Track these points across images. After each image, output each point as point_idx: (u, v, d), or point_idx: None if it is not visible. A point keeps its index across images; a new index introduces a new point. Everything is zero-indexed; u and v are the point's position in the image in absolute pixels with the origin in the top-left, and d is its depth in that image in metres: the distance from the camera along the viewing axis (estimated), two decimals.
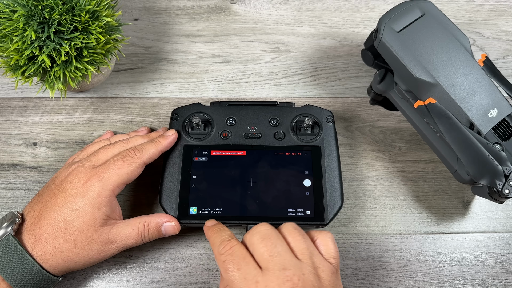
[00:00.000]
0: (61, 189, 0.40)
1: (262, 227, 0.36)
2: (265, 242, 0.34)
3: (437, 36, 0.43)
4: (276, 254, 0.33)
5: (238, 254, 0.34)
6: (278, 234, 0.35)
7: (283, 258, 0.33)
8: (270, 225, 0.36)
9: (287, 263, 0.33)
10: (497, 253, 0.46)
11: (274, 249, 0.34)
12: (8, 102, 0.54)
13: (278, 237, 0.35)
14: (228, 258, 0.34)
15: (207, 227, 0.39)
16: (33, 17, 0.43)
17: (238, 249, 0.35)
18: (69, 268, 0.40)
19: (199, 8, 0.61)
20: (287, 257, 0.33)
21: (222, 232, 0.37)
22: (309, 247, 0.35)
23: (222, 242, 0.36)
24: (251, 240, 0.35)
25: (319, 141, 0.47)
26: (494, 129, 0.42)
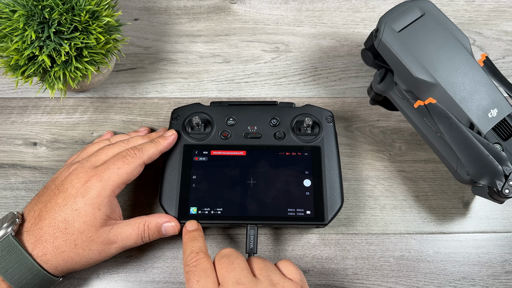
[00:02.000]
0: (61, 189, 0.40)
1: (225, 250, 0.38)
2: (224, 260, 0.36)
3: (437, 36, 0.43)
4: (232, 270, 0.35)
5: (201, 267, 0.36)
6: (238, 255, 0.37)
7: (238, 274, 0.35)
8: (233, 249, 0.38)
9: (242, 279, 0.35)
10: (497, 253, 0.46)
11: (230, 266, 0.35)
12: (8, 102, 0.54)
13: (238, 257, 0.37)
14: (192, 269, 0.36)
15: (185, 231, 0.41)
16: (33, 17, 0.43)
17: (202, 262, 0.37)
18: (69, 269, 0.40)
19: (199, 8, 0.61)
20: (242, 274, 0.35)
21: (194, 242, 0.39)
22: (267, 267, 0.37)
23: (191, 253, 0.38)
24: (215, 259, 0.37)
25: (319, 141, 0.47)
26: (494, 129, 0.42)
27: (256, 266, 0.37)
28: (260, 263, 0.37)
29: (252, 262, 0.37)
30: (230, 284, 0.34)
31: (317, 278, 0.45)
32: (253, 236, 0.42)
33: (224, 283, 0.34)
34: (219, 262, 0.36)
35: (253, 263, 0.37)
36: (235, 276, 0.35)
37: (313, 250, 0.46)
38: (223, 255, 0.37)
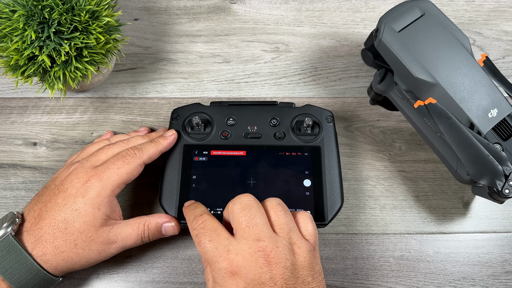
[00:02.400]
0: (61, 189, 0.40)
1: (245, 198, 0.36)
2: (245, 212, 0.35)
3: (437, 36, 0.43)
4: (253, 225, 0.34)
5: (209, 227, 0.35)
6: (259, 206, 0.36)
7: (260, 230, 0.34)
8: (253, 197, 0.37)
9: (263, 235, 0.34)
10: (497, 253, 0.46)
11: (252, 220, 0.34)
12: (8, 102, 0.54)
13: (259, 209, 0.35)
14: (200, 231, 0.35)
15: (184, 207, 0.40)
16: (33, 17, 0.43)
17: (209, 222, 0.36)
18: (69, 268, 0.40)
19: (199, 8, 0.61)
20: (263, 229, 0.34)
21: (196, 208, 0.38)
22: (288, 223, 0.36)
23: (195, 217, 0.37)
24: (232, 208, 0.36)
25: (319, 141, 0.47)
26: (494, 129, 0.42)
27: (276, 221, 0.35)
28: (281, 217, 0.36)
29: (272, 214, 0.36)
30: (251, 240, 0.33)
31: None
32: None
33: (244, 238, 0.34)
34: (240, 213, 0.35)
35: (274, 215, 0.36)
36: (256, 232, 0.34)
37: None
38: (244, 206, 0.35)
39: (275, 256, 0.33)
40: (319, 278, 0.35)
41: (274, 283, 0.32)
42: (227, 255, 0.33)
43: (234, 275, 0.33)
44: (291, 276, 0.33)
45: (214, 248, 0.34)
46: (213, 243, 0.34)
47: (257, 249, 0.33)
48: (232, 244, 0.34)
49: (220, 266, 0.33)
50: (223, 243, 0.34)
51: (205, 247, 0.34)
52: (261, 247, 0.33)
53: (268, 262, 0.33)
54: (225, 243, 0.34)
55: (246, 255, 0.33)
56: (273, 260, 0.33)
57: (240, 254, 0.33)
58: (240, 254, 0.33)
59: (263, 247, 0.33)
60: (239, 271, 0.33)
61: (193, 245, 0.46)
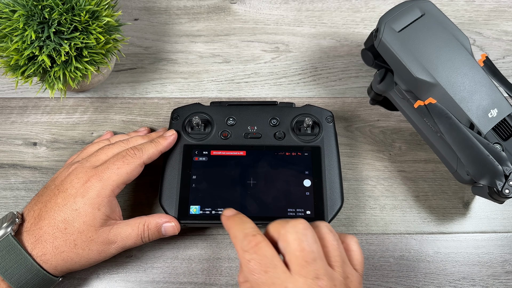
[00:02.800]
0: (61, 189, 0.40)
1: (300, 225, 0.33)
2: (303, 245, 0.32)
3: (437, 36, 0.43)
4: (312, 261, 0.31)
5: (265, 254, 0.32)
6: (315, 237, 0.33)
7: (318, 266, 0.31)
8: (307, 224, 0.33)
9: (321, 272, 0.31)
10: (497, 253, 0.46)
11: (310, 255, 0.31)
12: (8, 102, 0.54)
13: (315, 241, 0.32)
14: (254, 257, 0.32)
15: (226, 217, 0.36)
16: (33, 17, 0.43)
17: (265, 247, 0.32)
18: (69, 269, 0.40)
19: (199, 8, 0.61)
20: (322, 265, 0.31)
21: (244, 224, 0.34)
22: (341, 255, 0.34)
23: (245, 236, 0.33)
24: (286, 236, 0.32)
25: (319, 141, 0.47)
26: (494, 129, 0.42)
27: (331, 252, 0.33)
28: (335, 248, 0.33)
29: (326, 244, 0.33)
30: (310, 279, 0.31)
31: None
32: None
33: (302, 275, 0.31)
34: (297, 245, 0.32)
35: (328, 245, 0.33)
36: (315, 270, 0.31)
37: None
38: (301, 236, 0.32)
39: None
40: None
41: None
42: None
43: None
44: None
45: (270, 283, 0.31)
46: (269, 276, 0.31)
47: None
48: (289, 280, 0.31)
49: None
50: (281, 278, 0.31)
51: (259, 278, 0.31)
52: (320, 287, 0.30)
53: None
54: (282, 279, 0.31)
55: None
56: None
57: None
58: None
59: (322, 287, 0.30)
60: None
61: (193, 245, 0.46)
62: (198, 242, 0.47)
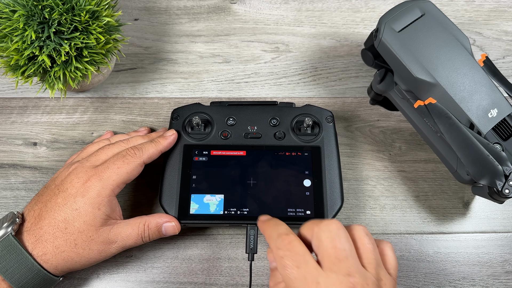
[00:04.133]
0: (61, 189, 0.41)
1: (334, 225, 0.33)
2: (335, 243, 0.32)
3: (437, 36, 0.43)
4: (344, 259, 0.32)
5: (297, 251, 0.32)
6: (348, 237, 0.33)
7: (350, 264, 0.32)
8: (341, 224, 0.34)
9: (353, 270, 0.31)
10: (497, 253, 0.46)
11: (343, 252, 0.32)
12: (8, 102, 0.54)
13: (348, 240, 0.33)
14: (287, 254, 0.32)
15: (262, 221, 0.37)
16: (33, 17, 0.43)
17: (297, 245, 0.33)
18: (69, 268, 0.40)
19: (199, 8, 0.61)
20: (354, 264, 0.32)
21: (279, 226, 0.35)
22: (376, 257, 0.34)
23: (279, 235, 0.34)
24: (319, 235, 0.33)
25: (319, 141, 0.47)
26: (494, 129, 0.42)
27: (365, 254, 0.33)
28: (370, 251, 0.33)
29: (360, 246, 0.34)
30: (341, 275, 0.31)
31: None
32: (253, 236, 0.42)
33: (334, 271, 0.31)
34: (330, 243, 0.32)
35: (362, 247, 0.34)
36: (347, 267, 0.31)
37: None
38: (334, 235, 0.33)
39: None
40: None
41: None
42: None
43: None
44: None
45: (302, 277, 0.31)
46: (301, 271, 0.31)
47: (348, 285, 0.31)
48: (321, 276, 0.31)
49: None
50: (313, 274, 0.31)
51: (292, 273, 0.32)
52: (352, 283, 0.31)
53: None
54: (314, 274, 0.31)
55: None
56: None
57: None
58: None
59: (353, 283, 0.31)
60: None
61: (193, 245, 0.46)
62: (198, 242, 0.47)
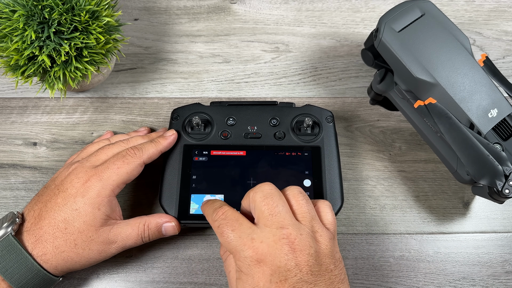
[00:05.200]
0: (61, 189, 0.41)
1: (266, 186, 0.36)
2: (267, 201, 0.35)
3: (437, 36, 0.43)
4: (277, 213, 0.34)
5: (230, 217, 0.35)
6: (280, 195, 0.36)
7: (283, 218, 0.34)
8: (273, 185, 0.37)
9: (286, 222, 0.34)
10: (497, 253, 0.46)
11: (275, 208, 0.34)
12: (8, 102, 0.54)
13: (281, 198, 0.35)
14: (222, 222, 0.35)
15: (202, 205, 0.40)
16: (33, 17, 0.43)
17: (230, 213, 0.36)
18: (69, 268, 0.40)
19: (199, 8, 0.61)
20: (286, 217, 0.34)
21: (214, 203, 0.38)
22: (310, 212, 0.36)
23: (214, 210, 0.37)
24: (254, 197, 0.36)
25: (319, 141, 0.47)
26: (494, 129, 0.42)
27: (298, 209, 0.36)
28: (303, 205, 0.36)
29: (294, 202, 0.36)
30: (274, 228, 0.33)
31: None
32: None
33: (267, 226, 0.34)
34: (262, 201, 0.35)
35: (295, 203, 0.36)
36: (280, 220, 0.34)
37: None
38: (266, 194, 0.35)
39: (299, 243, 0.33)
40: (340, 265, 0.35)
41: (299, 270, 0.32)
42: (252, 244, 0.33)
43: (260, 263, 0.33)
44: (315, 263, 0.33)
45: (237, 238, 0.34)
46: (236, 233, 0.34)
47: (281, 236, 0.33)
48: (255, 232, 0.34)
49: (245, 255, 0.33)
50: (247, 232, 0.34)
51: (228, 237, 0.34)
52: (285, 235, 0.33)
53: (292, 249, 0.33)
54: (248, 232, 0.34)
55: (271, 243, 0.33)
56: (298, 247, 0.33)
57: (265, 242, 0.33)
58: (265, 242, 0.33)
59: (287, 234, 0.33)
60: (265, 258, 0.33)
61: (193, 245, 0.46)
62: (198, 242, 0.47)
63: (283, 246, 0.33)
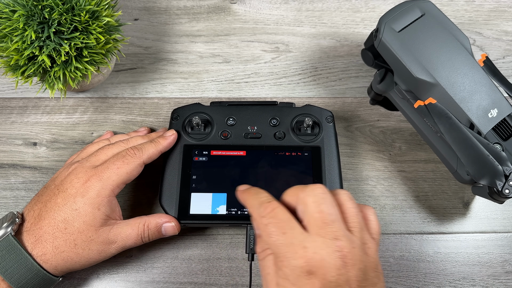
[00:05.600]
0: (61, 189, 0.41)
1: (319, 190, 0.33)
2: (321, 208, 0.32)
3: (437, 36, 0.43)
4: (330, 222, 0.32)
5: (281, 217, 0.32)
6: (333, 201, 0.33)
7: (337, 228, 0.32)
8: (326, 189, 0.34)
9: (340, 233, 0.31)
10: (497, 253, 0.46)
11: (329, 217, 0.32)
12: (8, 102, 0.54)
13: (334, 205, 0.33)
14: (271, 221, 0.32)
15: (241, 191, 0.37)
16: (33, 17, 0.43)
17: (281, 211, 0.33)
18: (69, 268, 0.40)
19: (199, 8, 0.61)
20: (340, 227, 0.32)
21: (259, 194, 0.35)
22: (360, 222, 0.34)
23: (261, 203, 0.34)
24: (304, 199, 0.33)
25: (319, 141, 0.47)
26: (494, 129, 0.42)
27: (350, 218, 0.33)
28: (354, 214, 0.33)
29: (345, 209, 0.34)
30: (328, 239, 0.31)
31: None
32: (253, 236, 0.42)
33: (320, 235, 0.31)
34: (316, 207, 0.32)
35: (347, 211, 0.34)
36: (334, 231, 0.31)
37: None
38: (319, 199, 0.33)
39: (352, 258, 0.31)
40: (382, 278, 0.33)
41: (349, 286, 0.31)
42: (304, 253, 0.31)
43: (310, 275, 0.30)
44: (363, 278, 0.31)
45: (289, 243, 0.31)
46: (287, 237, 0.31)
47: (335, 248, 0.31)
48: (308, 240, 0.31)
49: (296, 264, 0.31)
50: (299, 238, 0.31)
51: (278, 240, 0.31)
52: (339, 247, 0.31)
53: (344, 263, 0.31)
54: (300, 238, 0.31)
55: (324, 255, 0.31)
56: (350, 262, 0.31)
57: (318, 253, 0.31)
58: (318, 253, 0.31)
59: (340, 247, 0.31)
60: (316, 271, 0.30)
61: (193, 245, 0.46)
62: (198, 242, 0.47)
63: (336, 259, 0.31)
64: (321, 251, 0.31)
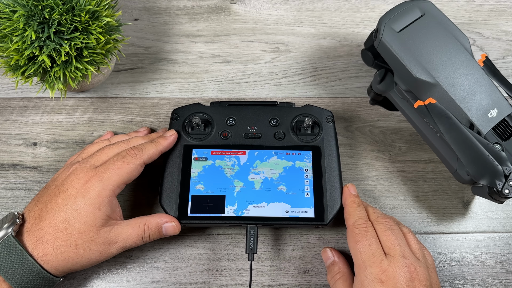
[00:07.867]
0: (61, 189, 0.41)
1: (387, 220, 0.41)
2: (390, 232, 0.40)
3: (437, 36, 0.43)
4: (398, 244, 0.39)
5: (372, 234, 0.40)
6: (399, 230, 0.41)
7: (404, 249, 0.39)
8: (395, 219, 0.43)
9: (407, 254, 0.39)
10: (497, 253, 0.47)
11: (396, 240, 0.39)
12: (8, 102, 0.54)
13: (400, 232, 0.41)
14: (363, 233, 0.40)
15: (349, 194, 0.44)
16: (33, 17, 0.43)
17: (372, 231, 0.40)
18: (69, 269, 0.40)
19: (199, 8, 0.61)
20: (406, 249, 0.39)
21: (361, 209, 0.42)
22: (422, 249, 0.41)
23: (360, 218, 0.41)
24: (378, 226, 0.41)
25: (319, 141, 0.47)
26: (494, 129, 0.42)
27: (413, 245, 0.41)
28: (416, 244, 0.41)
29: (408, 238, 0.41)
30: (398, 257, 0.38)
31: (317, 278, 0.45)
32: (253, 236, 0.42)
33: (391, 254, 0.38)
34: (386, 231, 0.40)
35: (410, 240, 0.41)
36: (401, 251, 0.39)
37: (313, 250, 0.46)
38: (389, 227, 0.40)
39: (418, 275, 0.37)
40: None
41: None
42: (380, 263, 0.38)
43: (383, 283, 0.37)
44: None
45: (371, 253, 0.38)
46: (371, 249, 0.39)
47: (404, 264, 0.37)
48: (384, 257, 0.38)
49: (372, 271, 0.38)
50: (380, 253, 0.38)
51: (363, 248, 0.39)
52: (407, 264, 0.38)
53: (412, 278, 0.37)
54: (380, 253, 0.38)
55: (396, 268, 0.37)
56: (416, 278, 0.37)
57: (391, 265, 0.37)
58: (391, 266, 0.37)
59: (408, 264, 0.38)
60: (388, 280, 0.37)
61: (193, 245, 0.46)
62: (198, 242, 0.47)
63: (405, 273, 0.37)
64: (393, 264, 0.38)
